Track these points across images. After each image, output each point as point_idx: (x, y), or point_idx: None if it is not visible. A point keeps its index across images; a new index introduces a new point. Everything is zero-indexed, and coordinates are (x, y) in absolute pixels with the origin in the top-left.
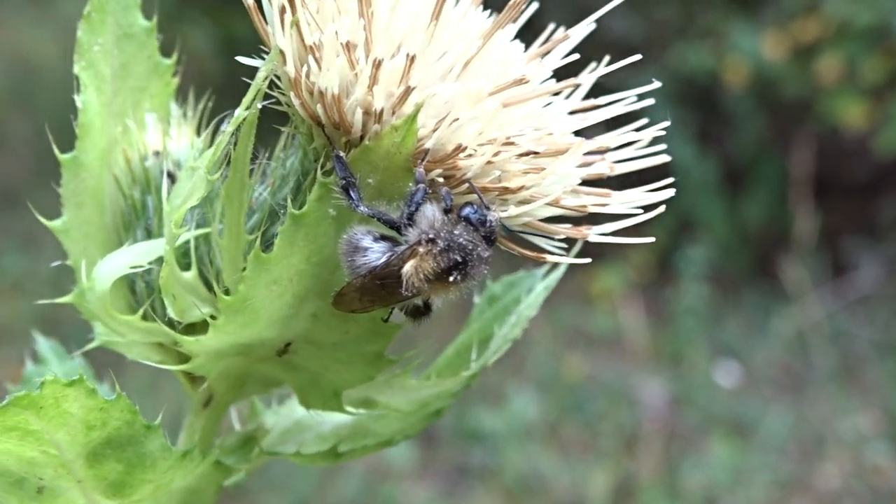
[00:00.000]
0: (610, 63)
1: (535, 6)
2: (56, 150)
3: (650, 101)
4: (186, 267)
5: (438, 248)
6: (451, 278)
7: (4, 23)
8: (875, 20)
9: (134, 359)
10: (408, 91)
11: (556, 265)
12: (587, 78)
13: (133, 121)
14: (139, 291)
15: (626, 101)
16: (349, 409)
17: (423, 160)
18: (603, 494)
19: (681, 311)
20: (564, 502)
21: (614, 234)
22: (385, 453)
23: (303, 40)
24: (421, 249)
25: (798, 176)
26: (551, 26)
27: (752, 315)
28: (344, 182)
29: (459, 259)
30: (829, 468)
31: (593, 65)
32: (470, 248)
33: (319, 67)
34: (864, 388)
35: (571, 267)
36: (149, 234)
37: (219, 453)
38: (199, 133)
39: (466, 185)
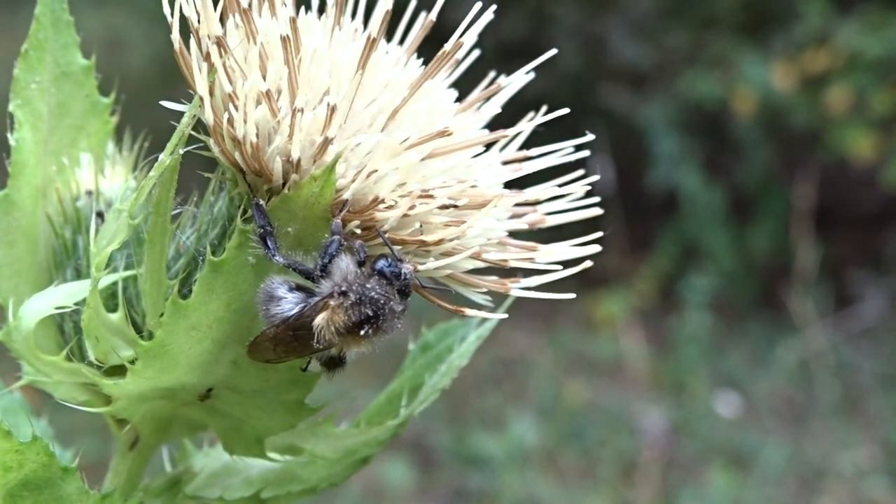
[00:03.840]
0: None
1: (474, 55)
2: None
3: (586, 153)
4: (114, 308)
5: (350, 302)
6: (363, 332)
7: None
8: (885, 52)
9: (60, 399)
10: (326, 141)
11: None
12: (524, 126)
13: (68, 159)
14: (67, 331)
15: (561, 152)
16: (274, 455)
17: (341, 211)
18: None
19: (683, 339)
20: None
21: (538, 288)
22: (383, 474)
23: (223, 88)
24: (332, 302)
25: (801, 207)
26: (491, 74)
27: (755, 345)
28: (262, 231)
29: (371, 313)
30: (827, 501)
31: (531, 114)
32: (382, 301)
33: (238, 115)
34: (866, 421)
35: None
36: (78, 275)
37: (142, 496)
38: (134, 173)
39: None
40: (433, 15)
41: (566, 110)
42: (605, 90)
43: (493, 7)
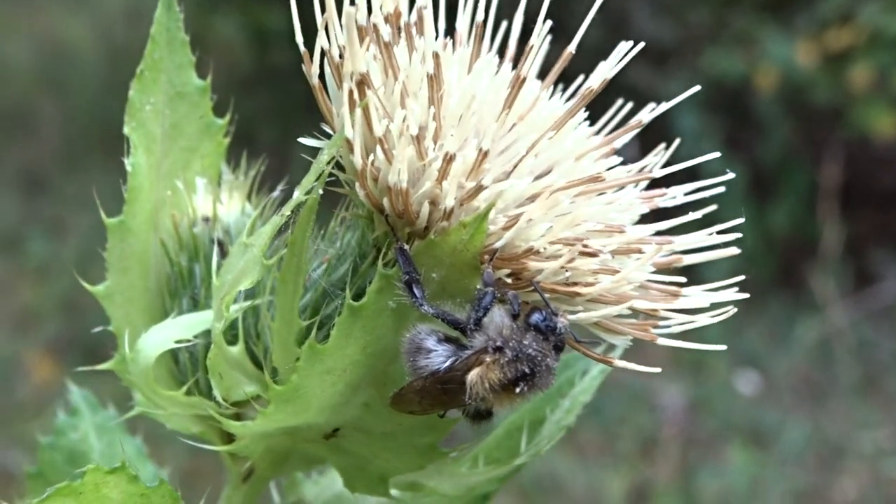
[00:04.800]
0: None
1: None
2: (103, 215)
3: (721, 189)
4: (233, 340)
5: (506, 359)
6: (518, 389)
7: (41, 9)
8: None
9: (174, 429)
10: (479, 189)
11: (611, 345)
12: (659, 171)
13: (182, 183)
14: (182, 361)
15: (689, 186)
16: (394, 492)
17: (491, 259)
18: (619, 498)
19: None
20: None
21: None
22: None
23: (370, 129)
24: (487, 358)
25: (827, 187)
26: (619, 101)
27: (775, 324)
28: (407, 277)
29: (527, 370)
30: (847, 480)
31: (662, 145)
32: (539, 358)
33: (387, 158)
34: (886, 400)
35: None
36: (195, 304)
37: None
38: (249, 198)
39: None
40: (572, 47)
41: (717, 154)
42: (627, 66)
43: (641, 46)
